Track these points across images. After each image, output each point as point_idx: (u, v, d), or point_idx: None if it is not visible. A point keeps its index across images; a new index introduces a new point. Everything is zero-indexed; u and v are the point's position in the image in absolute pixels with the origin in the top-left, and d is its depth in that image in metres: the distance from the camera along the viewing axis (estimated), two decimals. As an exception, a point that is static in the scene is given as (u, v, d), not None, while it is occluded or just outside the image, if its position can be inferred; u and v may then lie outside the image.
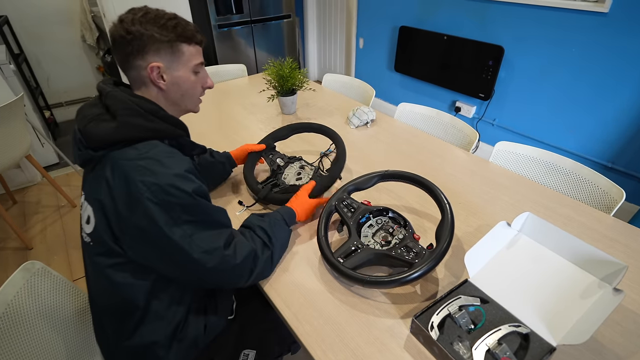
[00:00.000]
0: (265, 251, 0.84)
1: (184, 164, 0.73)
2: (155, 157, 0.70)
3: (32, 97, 2.76)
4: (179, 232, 0.69)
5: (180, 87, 0.81)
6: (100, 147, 0.72)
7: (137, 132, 0.73)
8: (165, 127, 0.76)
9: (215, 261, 0.72)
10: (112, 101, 0.74)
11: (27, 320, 0.82)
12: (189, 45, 0.79)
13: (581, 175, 1.20)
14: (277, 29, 3.52)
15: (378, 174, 1.00)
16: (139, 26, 0.73)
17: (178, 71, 0.79)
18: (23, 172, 2.54)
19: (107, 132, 0.71)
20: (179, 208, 0.68)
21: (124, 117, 0.72)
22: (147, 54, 0.74)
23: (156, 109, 0.76)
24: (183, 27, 0.77)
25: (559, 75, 2.17)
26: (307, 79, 1.69)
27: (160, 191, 0.66)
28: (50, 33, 3.26)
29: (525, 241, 0.86)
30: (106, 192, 0.71)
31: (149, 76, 0.76)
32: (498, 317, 0.72)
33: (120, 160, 0.70)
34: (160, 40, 0.74)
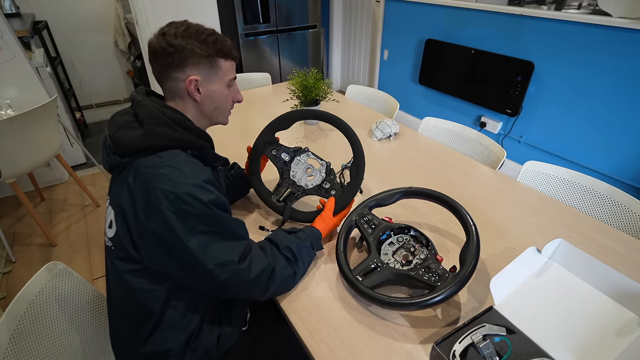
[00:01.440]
0: (288, 268, 0.82)
1: (204, 174, 0.73)
2: (176, 165, 0.71)
3: (65, 99, 2.88)
4: (194, 242, 0.69)
5: (213, 101, 0.83)
6: (127, 153, 0.74)
7: (162, 140, 0.74)
8: (189, 137, 0.77)
9: (228, 274, 0.72)
10: (141, 109, 0.76)
11: (47, 320, 0.83)
12: (226, 61, 0.81)
13: (617, 200, 1.14)
14: (302, 38, 3.56)
15: (401, 191, 0.98)
16: (181, 40, 0.75)
17: (213, 85, 0.81)
18: (52, 171, 2.63)
19: (133, 139, 0.73)
20: (194, 217, 0.69)
21: (150, 125, 0.74)
22: (187, 67, 0.77)
23: (182, 119, 0.77)
24: (222, 43, 0.79)
25: (592, 93, 2.09)
26: (331, 90, 1.69)
27: (177, 200, 0.67)
28: (85, 38, 3.41)
29: (556, 270, 0.81)
30: (127, 197, 0.72)
31: (187, 88, 0.78)
32: (525, 349, 0.68)
33: (143, 167, 0.72)
34: (200, 55, 0.76)
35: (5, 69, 2.15)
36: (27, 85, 2.25)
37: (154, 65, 0.79)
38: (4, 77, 2.16)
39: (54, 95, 2.02)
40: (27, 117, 1.80)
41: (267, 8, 3.18)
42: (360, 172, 1.03)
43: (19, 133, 1.80)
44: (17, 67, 2.18)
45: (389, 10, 3.25)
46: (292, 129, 1.68)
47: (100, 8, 3.37)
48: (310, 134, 1.64)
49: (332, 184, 1.07)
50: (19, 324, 0.76)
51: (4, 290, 1.83)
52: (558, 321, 0.72)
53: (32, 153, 1.92)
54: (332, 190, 1.05)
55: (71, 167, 2.32)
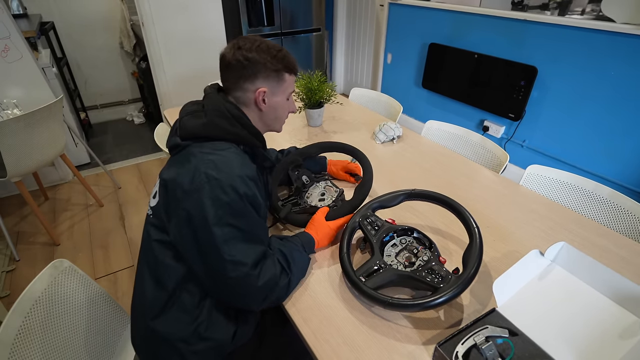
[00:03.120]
0: (283, 278, 0.82)
1: (249, 169, 0.78)
2: (225, 155, 0.77)
3: (70, 99, 2.90)
4: (219, 231, 0.72)
5: (275, 111, 0.90)
6: (188, 137, 0.81)
7: (219, 131, 0.81)
8: (244, 134, 0.84)
9: (237, 274, 0.73)
10: (208, 102, 0.84)
11: (53, 317, 0.84)
12: (290, 75, 0.89)
13: (620, 204, 1.14)
14: (306, 41, 3.58)
15: (404, 193, 0.98)
16: (256, 54, 0.82)
17: (277, 96, 0.88)
18: (56, 170, 2.65)
19: (195, 126, 0.81)
20: (227, 208, 0.72)
21: (212, 116, 0.81)
22: (258, 79, 0.84)
23: (241, 115, 0.84)
24: (289, 59, 0.87)
25: (595, 98, 2.10)
26: (334, 93, 1.70)
27: (217, 186, 0.72)
28: (91, 39, 3.44)
29: (559, 273, 0.82)
30: (174, 173, 0.78)
31: (255, 98, 0.85)
32: (528, 351, 0.68)
33: (197, 151, 0.78)
34: (271, 69, 0.84)
35: (13, 69, 2.17)
36: (34, 85, 2.27)
37: (227, 75, 0.85)
38: (11, 77, 2.19)
39: (59, 96, 2.04)
40: (33, 117, 1.82)
41: (271, 11, 3.20)
42: (364, 192, 1.04)
43: (24, 132, 1.82)
44: (24, 67, 2.20)
45: (393, 14, 3.27)
46: (297, 131, 1.69)
47: (106, 10, 3.40)
48: (314, 136, 1.65)
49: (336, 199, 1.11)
50: (25, 321, 0.77)
51: (8, 289, 1.84)
52: (560, 324, 0.72)
53: (38, 152, 1.94)
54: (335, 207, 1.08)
55: (75, 167, 2.34)
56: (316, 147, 1.21)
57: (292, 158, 1.20)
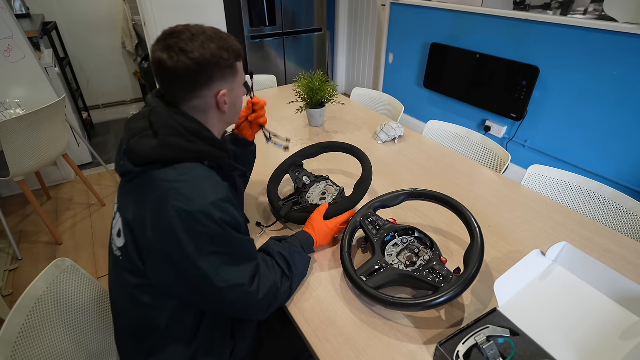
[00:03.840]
0: (285, 282, 0.81)
1: (220, 191, 0.69)
2: (192, 181, 0.67)
3: (72, 99, 2.91)
4: (206, 263, 0.66)
5: (235, 106, 0.80)
6: (140, 163, 0.70)
7: (176, 152, 0.70)
8: (206, 149, 0.73)
9: (236, 296, 0.70)
10: (156, 118, 0.72)
11: (55, 315, 0.84)
12: (239, 62, 0.76)
13: (622, 204, 1.13)
14: (307, 41, 3.58)
15: (406, 192, 0.98)
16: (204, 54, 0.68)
17: (235, 91, 0.78)
18: (59, 170, 2.66)
19: (147, 149, 0.69)
20: (206, 238, 0.66)
21: (164, 136, 0.69)
22: (214, 82, 0.72)
23: (199, 129, 0.72)
24: (235, 43, 0.74)
25: (598, 98, 2.09)
26: (336, 92, 1.70)
27: (190, 219, 0.64)
28: (93, 39, 3.45)
29: (560, 273, 0.81)
30: (137, 210, 0.69)
31: (216, 103, 0.75)
32: (529, 351, 0.68)
33: (158, 180, 0.68)
34: (225, 66, 0.72)
35: (16, 68, 2.18)
36: (36, 85, 2.28)
37: (175, 86, 0.72)
38: (14, 77, 2.20)
39: (62, 95, 2.04)
40: (36, 116, 1.83)
41: (273, 11, 3.21)
42: (364, 188, 1.04)
43: (27, 132, 1.82)
44: (27, 67, 2.21)
45: (395, 14, 3.26)
46: (298, 130, 1.69)
47: (108, 10, 3.41)
48: (315, 135, 1.65)
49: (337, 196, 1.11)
50: (27, 319, 0.77)
51: (10, 287, 1.85)
52: (562, 324, 0.72)
53: (40, 152, 1.94)
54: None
55: (77, 166, 2.34)
56: (316, 147, 1.21)
57: (292, 160, 1.21)
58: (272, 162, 1.34)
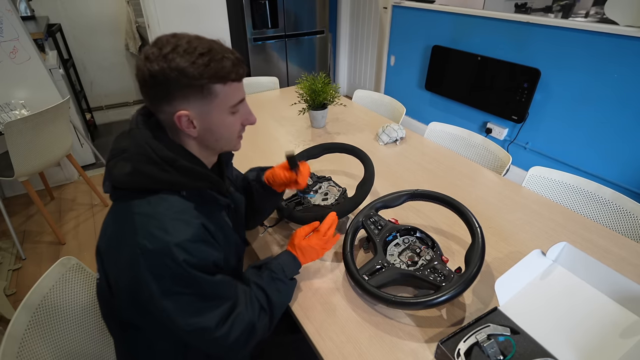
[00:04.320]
0: (262, 317, 0.74)
1: (189, 230, 0.64)
2: (161, 218, 0.63)
3: (76, 100, 2.93)
4: (169, 303, 0.63)
5: (213, 133, 0.69)
6: (118, 187, 0.67)
7: (149, 181, 0.65)
8: (179, 179, 0.66)
9: (204, 341, 0.67)
10: (131, 142, 0.66)
11: (60, 312, 0.85)
12: (224, 86, 0.65)
13: (622, 206, 1.14)
14: (309, 44, 3.60)
15: (408, 193, 0.99)
16: (164, 64, 0.60)
17: (211, 115, 0.67)
18: (62, 170, 2.68)
19: (121, 175, 0.65)
20: (169, 279, 0.62)
21: (136, 163, 0.64)
22: (174, 99, 0.63)
23: (173, 158, 0.65)
24: (217, 63, 0.62)
25: (599, 101, 2.10)
26: (338, 94, 1.71)
27: (153, 258, 0.60)
28: (97, 41, 3.48)
29: (560, 272, 0.82)
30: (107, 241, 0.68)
31: (177, 124, 0.66)
32: (529, 349, 0.69)
33: (130, 212, 0.64)
34: (189, 85, 0.62)
35: (21, 70, 2.20)
36: (41, 86, 2.30)
37: (143, 96, 0.67)
38: (19, 78, 2.22)
39: (66, 97, 2.06)
40: (41, 117, 1.85)
41: (275, 13, 3.23)
42: (366, 189, 1.04)
43: (32, 132, 1.84)
44: (32, 69, 2.23)
45: (396, 17, 3.28)
46: (300, 132, 1.70)
47: (112, 12, 3.44)
48: (318, 137, 1.66)
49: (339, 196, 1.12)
50: (34, 315, 0.78)
51: (14, 287, 1.86)
52: (562, 323, 0.73)
53: (45, 152, 1.96)
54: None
55: (81, 167, 2.36)
56: (319, 148, 1.22)
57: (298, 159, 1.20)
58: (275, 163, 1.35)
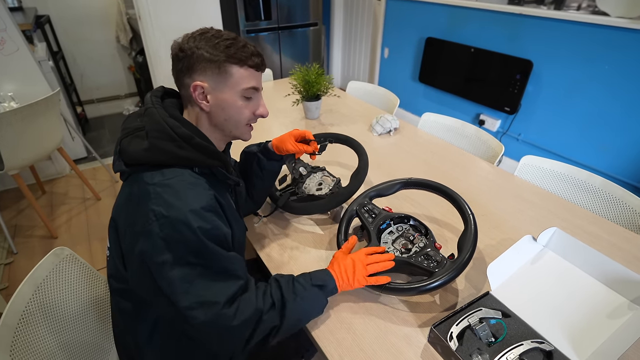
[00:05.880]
0: (272, 315, 0.70)
1: (204, 199, 0.67)
2: (175, 186, 0.66)
3: (67, 93, 2.89)
4: (180, 272, 0.63)
5: (224, 111, 0.74)
6: (132, 163, 0.70)
7: (165, 157, 0.68)
8: (196, 156, 0.70)
9: (208, 316, 0.64)
10: (147, 119, 0.71)
11: (54, 303, 0.85)
12: (240, 68, 0.72)
13: (611, 193, 1.16)
14: (303, 36, 3.58)
15: (401, 181, 1.00)
16: (192, 44, 0.70)
17: (224, 93, 0.73)
18: (53, 164, 2.64)
19: (137, 152, 0.68)
20: (183, 247, 0.63)
21: (154, 139, 0.68)
22: (195, 72, 0.71)
23: (189, 135, 0.70)
24: (237, 48, 0.71)
25: (590, 92, 2.12)
26: (332, 85, 1.71)
27: (168, 225, 0.62)
28: (87, 33, 3.42)
29: (551, 257, 0.84)
30: (122, 211, 0.69)
31: (192, 95, 0.72)
32: (520, 332, 0.70)
33: (143, 182, 0.67)
34: (209, 60, 0.70)
35: (9, 61, 2.16)
36: (30, 78, 2.26)
37: (172, 70, 0.75)
38: (7, 70, 2.18)
39: (56, 89, 2.03)
40: (31, 110, 1.82)
41: (268, 5, 3.20)
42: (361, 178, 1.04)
43: (21, 125, 1.81)
44: (20, 60, 2.19)
45: (390, 9, 3.27)
46: (294, 123, 1.70)
47: (101, 3, 3.38)
48: (312, 128, 1.66)
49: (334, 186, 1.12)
50: (27, 306, 0.78)
51: (6, 281, 1.84)
52: (552, 305, 0.74)
53: (35, 145, 1.94)
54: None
55: (73, 160, 2.33)
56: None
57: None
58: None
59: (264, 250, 0.98)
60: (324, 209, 1.05)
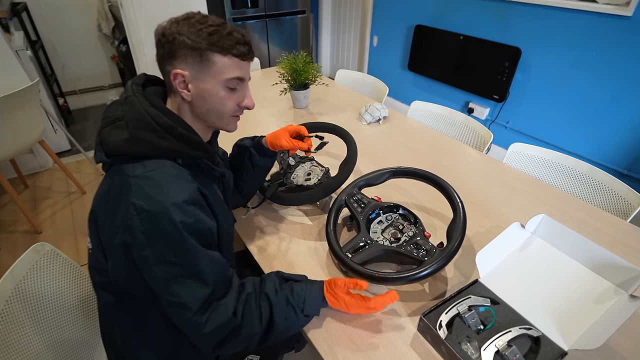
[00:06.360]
0: (253, 327, 0.69)
1: (186, 191, 0.65)
2: (156, 179, 0.64)
3: (47, 84, 2.80)
4: (160, 271, 0.62)
5: (205, 102, 0.71)
6: (113, 154, 0.67)
7: (146, 148, 0.66)
8: (178, 147, 0.68)
9: (181, 318, 0.64)
10: (127, 108, 0.68)
11: (36, 300, 0.82)
12: (223, 57, 0.68)
13: (598, 179, 1.17)
14: (291, 24, 3.51)
15: (390, 170, 0.99)
16: (175, 29, 0.66)
17: (205, 83, 0.69)
18: (35, 158, 2.57)
19: (117, 142, 0.66)
20: (164, 243, 0.61)
21: (134, 129, 0.66)
22: (176, 59, 0.68)
23: (172, 125, 0.67)
24: (221, 35, 0.67)
25: (577, 80, 2.13)
26: (320, 74, 1.68)
27: (149, 220, 0.60)
28: (67, 21, 3.30)
29: (539, 244, 0.84)
30: (102, 203, 0.67)
31: (173, 83, 0.69)
32: (508, 319, 0.70)
33: (124, 175, 0.65)
34: (190, 47, 0.66)
35: (-16, 51, 2.07)
36: (7, 69, 2.17)
37: (156, 56, 0.71)
38: (-18, 60, 2.09)
39: (35, 79, 1.96)
40: (9, 101, 1.75)
41: (255, -8, 3.13)
42: (349, 167, 1.03)
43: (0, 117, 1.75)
44: (-4, 50, 2.10)
45: (379, -4, 3.22)
46: (282, 113, 1.67)
47: (81, -10, 3.26)
48: (300, 117, 1.63)
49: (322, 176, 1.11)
50: (7, 304, 0.75)
51: (-11, 278, 1.80)
52: (540, 292, 0.75)
53: (14, 138, 1.87)
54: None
55: (56, 153, 2.27)
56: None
57: None
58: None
59: (253, 243, 0.97)
60: (313, 199, 1.04)
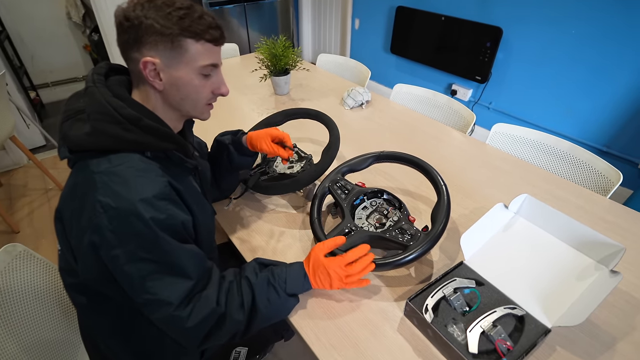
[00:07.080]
0: (237, 315, 0.67)
1: (156, 186, 0.61)
2: (123, 174, 0.60)
3: (16, 77, 2.66)
4: (133, 269, 0.59)
5: (179, 90, 0.67)
6: (76, 150, 0.63)
7: (111, 142, 0.61)
8: (145, 139, 0.63)
9: (160, 316, 0.61)
10: (88, 100, 0.63)
11: (10, 304, 0.79)
12: (197, 43, 0.64)
13: (578, 157, 1.18)
14: (270, 8, 3.42)
15: (373, 155, 0.97)
16: (140, 12, 0.60)
17: (178, 71, 0.65)
18: (8, 155, 2.47)
19: (78, 137, 0.61)
20: (135, 241, 0.58)
21: (97, 122, 0.61)
22: (144, 46, 0.62)
23: (136, 117, 0.62)
24: (193, 19, 0.62)
25: (557, 58, 2.14)
26: (300, 59, 1.64)
27: (117, 217, 0.57)
28: (32, 9, 3.13)
29: (522, 224, 0.84)
30: (68, 202, 0.63)
31: (143, 72, 0.64)
32: (493, 299, 0.71)
33: (89, 171, 0.60)
34: (160, 32, 0.61)
35: (-58, 43, 1.95)
36: (-30, 61, 2.06)
37: (117, 41, 0.65)
38: (-59, 53, 1.97)
39: (1, 72, 1.86)
40: (-27, 96, 1.66)
41: (231, -25, 3.02)
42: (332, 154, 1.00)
43: (-36, 113, 1.66)
44: (-44, 41, 1.98)
45: (359, -23, 3.16)
46: (263, 100, 1.63)
47: (47, -24, 3.09)
48: (282, 104, 1.60)
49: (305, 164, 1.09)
50: (-22, 309, 0.72)
51: (-34, 281, 1.74)
52: (524, 271, 0.76)
53: (-17, 135, 1.79)
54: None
55: (30, 149, 2.18)
56: (281, 115, 1.17)
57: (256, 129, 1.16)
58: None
59: (236, 234, 0.95)
60: (296, 187, 1.02)
